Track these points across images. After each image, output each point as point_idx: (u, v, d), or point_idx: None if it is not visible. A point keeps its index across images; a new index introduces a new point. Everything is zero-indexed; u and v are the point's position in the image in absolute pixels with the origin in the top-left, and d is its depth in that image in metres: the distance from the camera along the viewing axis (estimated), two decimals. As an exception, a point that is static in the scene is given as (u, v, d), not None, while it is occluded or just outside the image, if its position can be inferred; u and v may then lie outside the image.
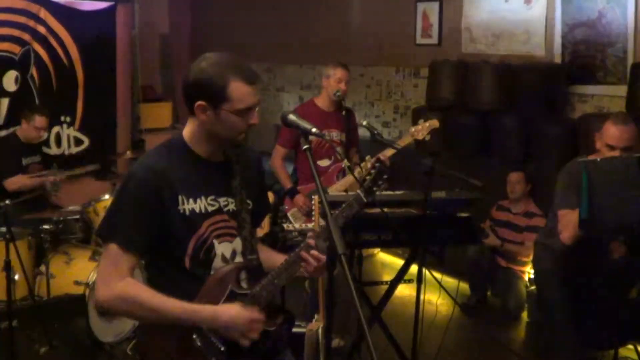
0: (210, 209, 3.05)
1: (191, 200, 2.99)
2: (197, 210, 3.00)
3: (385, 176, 3.34)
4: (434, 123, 5.88)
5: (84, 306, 5.92)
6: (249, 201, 3.18)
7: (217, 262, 3.07)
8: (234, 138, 3.01)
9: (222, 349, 3.02)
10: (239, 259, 3.13)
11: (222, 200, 3.10)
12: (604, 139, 5.08)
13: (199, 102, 2.93)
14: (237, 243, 3.14)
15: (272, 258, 3.31)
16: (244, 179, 3.17)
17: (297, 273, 3.16)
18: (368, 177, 3.31)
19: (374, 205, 4.65)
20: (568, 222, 5.12)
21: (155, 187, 2.92)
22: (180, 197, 2.97)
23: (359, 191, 3.27)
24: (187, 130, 3.08)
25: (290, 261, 3.13)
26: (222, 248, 3.08)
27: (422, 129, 5.86)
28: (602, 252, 5.48)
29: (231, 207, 3.12)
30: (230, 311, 2.94)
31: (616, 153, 4.97)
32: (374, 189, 3.29)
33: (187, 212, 2.98)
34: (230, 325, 2.94)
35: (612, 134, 5.01)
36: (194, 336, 3.00)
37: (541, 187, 7.46)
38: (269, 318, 3.11)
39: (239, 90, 2.91)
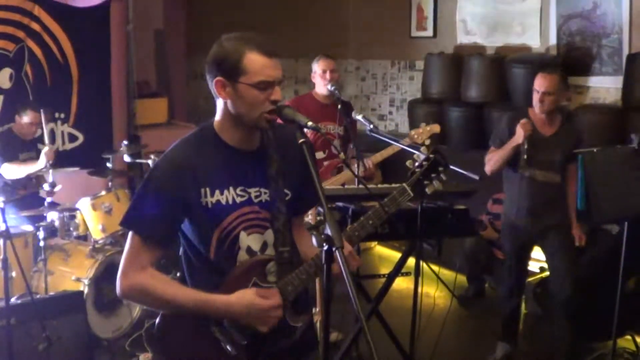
0: (238, 200, 2.98)
1: (217, 192, 2.94)
2: (224, 202, 2.94)
3: (440, 168, 3.27)
4: (435, 128, 5.89)
5: (82, 303, 5.91)
6: (286, 191, 3.08)
7: (242, 255, 3.00)
8: (257, 118, 2.89)
9: (243, 342, 2.97)
10: (270, 251, 3.05)
11: (254, 191, 3.02)
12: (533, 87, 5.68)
13: (218, 78, 2.88)
14: (269, 235, 3.05)
15: (312, 248, 3.11)
16: (285, 165, 3.07)
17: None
18: (418, 170, 3.24)
19: (369, 199, 4.66)
20: (491, 158, 5.79)
21: (178, 181, 2.89)
22: (204, 190, 2.92)
23: (405, 183, 3.21)
24: (216, 117, 3.01)
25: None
26: (250, 240, 3.01)
27: (423, 133, 5.86)
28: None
29: (264, 197, 3.03)
30: (243, 300, 2.89)
31: (539, 96, 5.58)
32: (425, 182, 3.23)
33: (211, 205, 2.93)
34: (245, 314, 2.89)
35: (536, 79, 5.67)
36: (213, 329, 2.96)
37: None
38: (295, 314, 3.06)
39: (255, 62, 2.83)
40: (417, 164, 3.30)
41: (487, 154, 5.87)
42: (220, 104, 2.97)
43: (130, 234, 2.96)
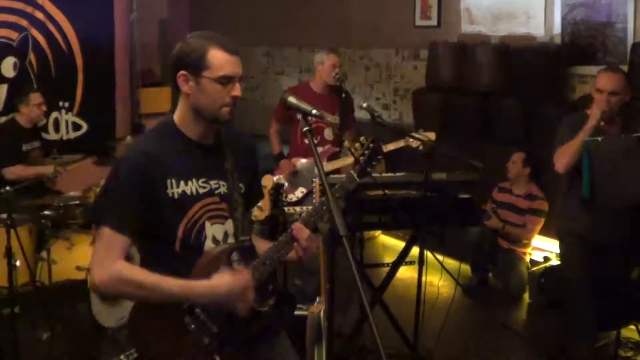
0: (201, 191, 3.08)
1: (182, 183, 3.03)
2: (188, 193, 3.04)
3: (379, 156, 3.37)
4: (431, 136, 5.88)
5: (85, 291, 5.92)
6: (241, 184, 3.22)
7: (208, 244, 3.10)
8: (218, 112, 3.01)
9: (215, 330, 3.05)
10: (231, 240, 3.17)
11: (214, 183, 3.13)
12: (595, 86, 5.33)
13: (181, 72, 2.99)
14: (229, 225, 3.17)
15: (265, 246, 3.28)
16: (236, 162, 3.19)
17: (288, 255, 3.18)
18: (362, 158, 3.33)
19: (376, 187, 4.66)
20: (562, 152, 5.33)
21: (145, 171, 2.96)
22: (170, 181, 3.00)
23: (352, 171, 3.31)
24: (177, 112, 3.13)
25: (282, 242, 3.16)
26: (214, 230, 3.12)
27: (417, 140, 5.86)
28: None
29: (222, 189, 3.15)
30: (225, 280, 2.97)
31: (603, 97, 5.19)
32: (368, 169, 3.31)
33: (177, 195, 3.01)
34: (230, 294, 2.97)
35: (600, 79, 5.29)
36: (186, 319, 3.03)
37: (541, 168, 7.45)
38: (261, 299, 3.14)
39: (218, 57, 2.96)
40: (360, 152, 3.42)
41: (555, 155, 5.50)
42: (182, 99, 3.10)
43: (100, 229, 3.00)
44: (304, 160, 6.67)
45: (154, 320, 3.06)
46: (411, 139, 5.75)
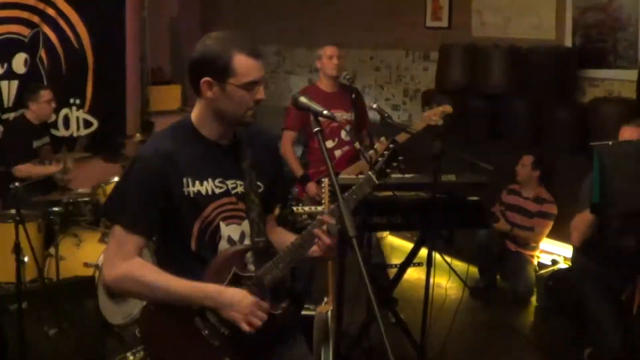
0: (217, 191, 3.05)
1: (197, 183, 3.00)
2: (204, 192, 3.01)
3: (399, 158, 3.28)
4: (447, 108, 5.84)
5: (93, 288, 5.93)
6: (259, 183, 3.16)
7: (223, 245, 3.07)
8: (242, 115, 2.99)
9: (226, 333, 3.03)
10: (247, 241, 3.13)
11: (230, 183, 3.09)
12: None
13: (205, 79, 2.93)
14: (246, 225, 3.13)
15: (286, 239, 3.24)
16: (256, 160, 3.15)
17: (307, 254, 3.13)
18: (381, 159, 3.25)
19: (384, 188, 4.65)
20: (577, 223, 5.31)
21: (160, 170, 2.94)
22: (185, 180, 2.97)
23: (370, 172, 3.23)
24: (195, 113, 3.09)
25: (297, 244, 3.10)
26: (229, 230, 3.09)
27: (436, 114, 5.82)
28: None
29: (240, 189, 3.11)
30: (236, 292, 2.97)
31: None
32: (387, 170, 3.23)
33: (192, 195, 2.98)
34: (233, 304, 2.94)
35: (622, 134, 5.26)
36: (197, 320, 3.02)
37: (551, 171, 7.45)
38: (275, 301, 3.11)
39: (243, 64, 2.91)
40: (379, 154, 3.34)
41: (573, 222, 5.47)
42: (201, 100, 3.04)
43: (114, 225, 3.01)
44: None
45: (164, 320, 3.05)
46: (431, 117, 5.73)
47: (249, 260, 3.11)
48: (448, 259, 5.62)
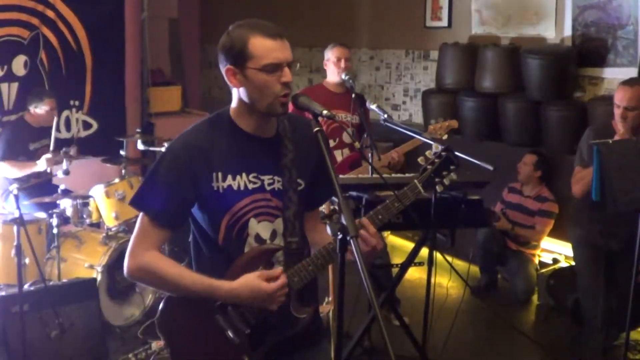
0: (250, 186, 2.97)
1: (229, 177, 2.94)
2: (235, 188, 2.94)
3: (452, 166, 3.24)
4: (453, 123, 5.86)
5: (95, 290, 5.94)
6: (299, 180, 3.07)
7: (250, 242, 2.99)
8: (270, 103, 2.89)
9: (247, 331, 2.97)
10: (278, 240, 3.03)
11: (267, 178, 3.01)
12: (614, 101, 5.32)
13: (227, 67, 2.90)
14: (279, 224, 3.03)
15: (326, 240, 3.12)
16: (298, 156, 3.07)
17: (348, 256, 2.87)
18: (430, 167, 3.20)
19: (385, 188, 4.65)
20: (579, 178, 5.41)
21: (188, 164, 2.90)
22: (215, 174, 2.92)
23: (416, 180, 3.17)
24: (232, 105, 3.02)
25: (330, 247, 2.98)
26: (260, 228, 3.00)
27: (442, 127, 5.83)
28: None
29: (277, 185, 3.02)
30: (247, 286, 2.86)
31: (620, 111, 5.21)
32: (437, 179, 3.19)
33: (222, 189, 2.93)
34: (251, 298, 2.87)
35: (617, 93, 5.31)
36: (217, 317, 2.95)
37: (551, 169, 7.46)
38: (300, 306, 3.03)
39: (259, 45, 2.85)
40: (429, 161, 3.28)
41: (573, 176, 5.58)
42: (234, 92, 2.98)
43: (140, 214, 2.97)
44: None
45: (185, 315, 3.01)
46: (436, 131, 5.74)
47: (278, 260, 3.01)
48: (449, 258, 5.63)
